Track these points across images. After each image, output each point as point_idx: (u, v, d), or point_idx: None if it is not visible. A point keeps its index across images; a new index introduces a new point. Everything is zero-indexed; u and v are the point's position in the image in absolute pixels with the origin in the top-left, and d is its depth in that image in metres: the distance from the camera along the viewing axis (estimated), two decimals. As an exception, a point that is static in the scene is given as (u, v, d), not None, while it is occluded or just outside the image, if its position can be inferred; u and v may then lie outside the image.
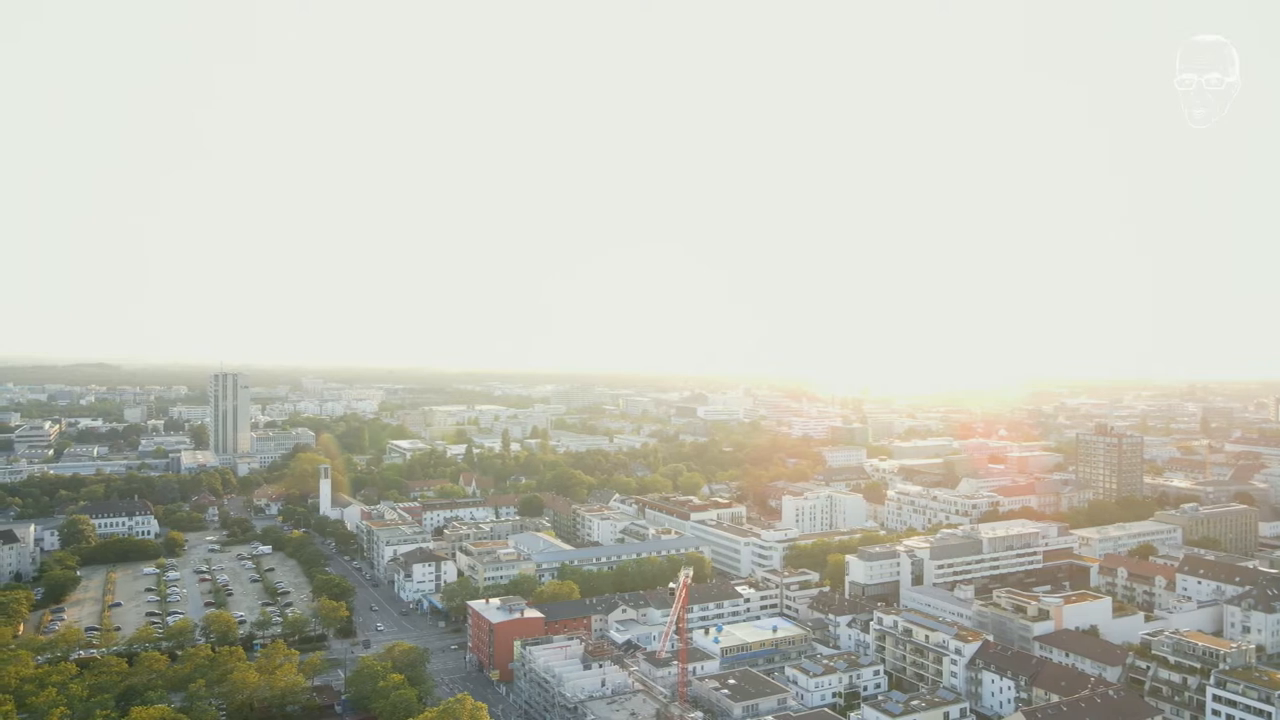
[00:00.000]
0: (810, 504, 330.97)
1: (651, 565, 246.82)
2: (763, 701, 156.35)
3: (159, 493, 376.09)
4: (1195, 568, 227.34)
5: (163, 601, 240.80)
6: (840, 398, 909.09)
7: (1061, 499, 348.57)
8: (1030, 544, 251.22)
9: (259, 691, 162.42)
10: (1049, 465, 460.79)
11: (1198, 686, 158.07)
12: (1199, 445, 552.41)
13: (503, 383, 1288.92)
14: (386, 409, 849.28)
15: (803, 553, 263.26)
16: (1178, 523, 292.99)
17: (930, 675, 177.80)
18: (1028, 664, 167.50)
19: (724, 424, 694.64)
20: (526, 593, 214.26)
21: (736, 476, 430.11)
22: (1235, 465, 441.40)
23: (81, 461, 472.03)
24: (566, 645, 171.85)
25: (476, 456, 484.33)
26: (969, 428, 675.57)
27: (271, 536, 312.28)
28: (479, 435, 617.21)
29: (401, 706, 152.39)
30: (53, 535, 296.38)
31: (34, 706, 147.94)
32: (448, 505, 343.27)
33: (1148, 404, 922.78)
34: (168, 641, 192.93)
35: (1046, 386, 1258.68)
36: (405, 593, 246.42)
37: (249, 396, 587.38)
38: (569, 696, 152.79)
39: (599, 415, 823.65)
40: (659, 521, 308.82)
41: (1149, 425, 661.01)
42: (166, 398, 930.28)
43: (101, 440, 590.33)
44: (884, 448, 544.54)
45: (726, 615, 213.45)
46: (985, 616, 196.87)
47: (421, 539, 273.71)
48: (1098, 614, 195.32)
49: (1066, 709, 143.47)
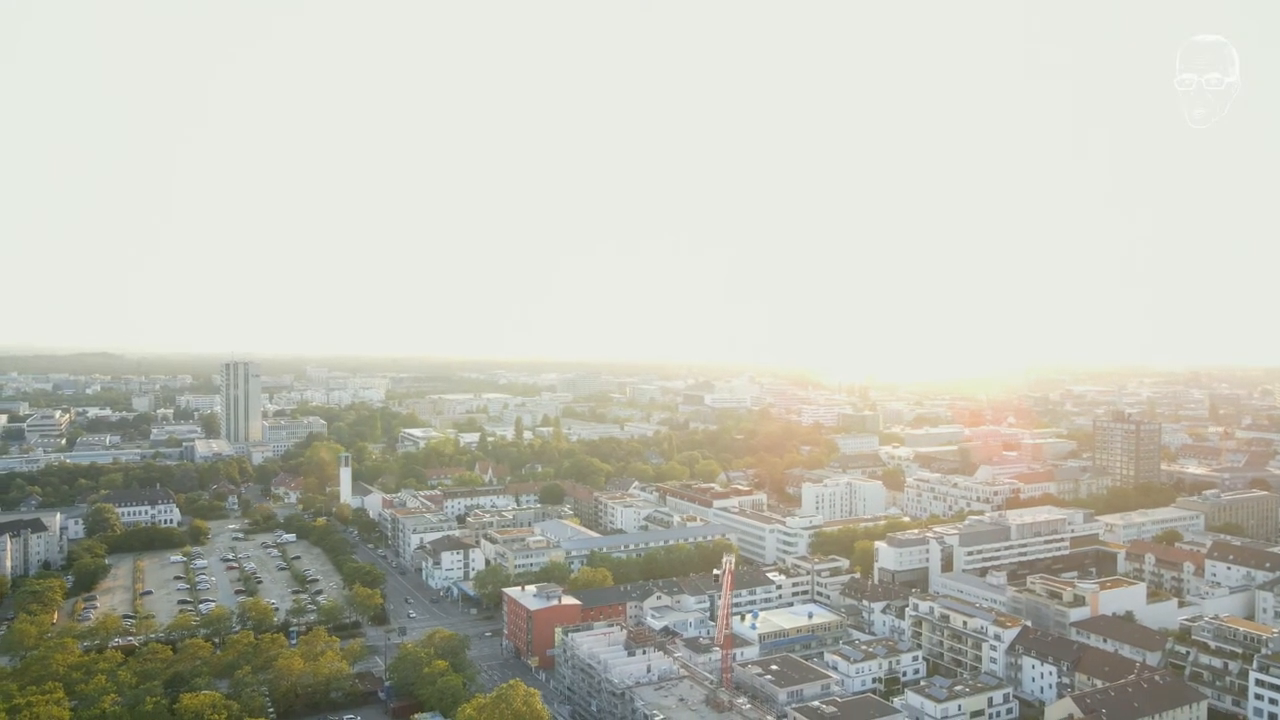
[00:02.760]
0: (830, 491, 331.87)
1: (680, 552, 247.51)
2: (806, 687, 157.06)
3: (177, 481, 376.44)
4: (1224, 553, 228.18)
5: (193, 589, 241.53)
6: (846, 385, 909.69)
7: (1080, 485, 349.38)
8: (1057, 530, 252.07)
9: (303, 678, 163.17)
10: (1062, 452, 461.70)
11: (1239, 671, 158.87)
12: (1209, 432, 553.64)
13: (507, 371, 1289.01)
14: (393, 397, 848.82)
15: (828, 539, 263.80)
16: (1200, 509, 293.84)
17: (969, 661, 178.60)
18: (1069, 649, 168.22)
19: (733, 411, 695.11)
20: (559, 580, 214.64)
21: (752, 464, 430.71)
22: (1249, 451, 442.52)
23: (96, 450, 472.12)
24: (609, 631, 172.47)
25: (490, 445, 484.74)
26: (978, 415, 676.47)
27: (294, 525, 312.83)
28: (489, 423, 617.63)
29: (449, 693, 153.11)
30: (77, 524, 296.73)
31: (84, 694, 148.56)
32: (468, 493, 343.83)
33: (1153, 390, 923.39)
34: (206, 629, 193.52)
35: (1048, 373, 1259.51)
36: (434, 580, 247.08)
37: (259, 385, 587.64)
38: (616, 683, 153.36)
39: (606, 403, 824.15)
40: (681, 509, 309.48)
41: (1157, 412, 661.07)
42: (172, 387, 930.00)
43: (112, 429, 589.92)
44: (895, 435, 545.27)
45: (759, 602, 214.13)
46: (1020, 602, 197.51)
47: (447, 527, 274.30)
48: (1133, 600, 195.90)
49: (1114, 694, 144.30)
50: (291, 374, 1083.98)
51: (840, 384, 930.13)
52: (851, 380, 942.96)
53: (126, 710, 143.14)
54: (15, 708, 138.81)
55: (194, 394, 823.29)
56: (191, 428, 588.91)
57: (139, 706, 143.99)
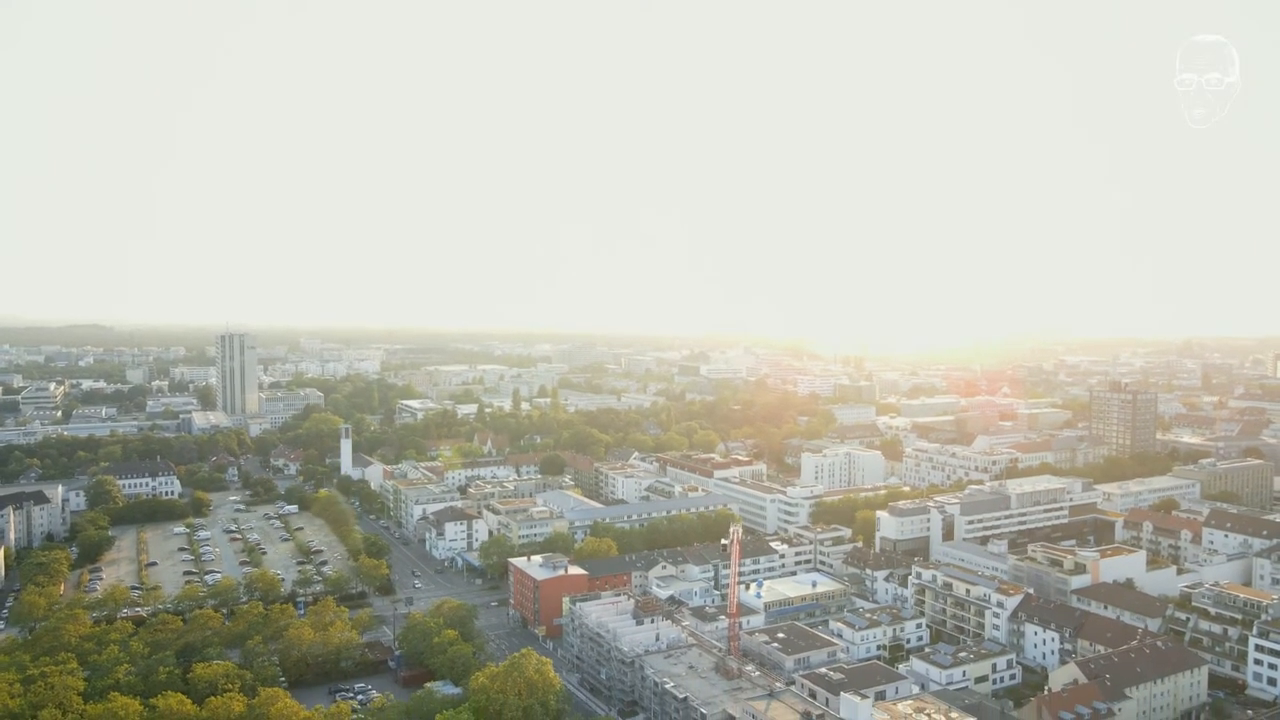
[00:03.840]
0: (829, 461, 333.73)
1: (683, 522, 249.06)
2: (813, 654, 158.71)
3: (176, 453, 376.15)
4: (1222, 521, 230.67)
5: (197, 560, 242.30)
6: (841, 356, 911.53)
7: (1077, 455, 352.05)
8: (1057, 499, 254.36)
9: (313, 648, 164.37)
10: (1058, 422, 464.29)
11: (1239, 637, 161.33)
12: (1203, 401, 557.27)
13: (501, 342, 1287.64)
14: (389, 369, 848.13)
15: (829, 509, 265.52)
16: (1196, 477, 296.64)
17: (971, 628, 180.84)
18: (1071, 616, 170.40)
19: (728, 382, 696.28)
20: (563, 550, 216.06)
21: (750, 434, 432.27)
22: (1242, 421, 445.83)
23: (93, 423, 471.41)
24: (616, 601, 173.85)
25: (489, 416, 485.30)
26: (973, 385, 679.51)
27: (296, 496, 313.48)
28: (486, 394, 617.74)
29: (459, 662, 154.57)
30: (78, 496, 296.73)
31: (97, 664, 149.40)
32: (468, 464, 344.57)
33: (1146, 360, 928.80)
34: (214, 599, 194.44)
35: (1041, 343, 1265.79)
36: (438, 551, 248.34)
37: (255, 357, 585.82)
38: (625, 651, 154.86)
39: (602, 374, 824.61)
40: (682, 479, 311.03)
41: (1151, 382, 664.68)
42: (165, 359, 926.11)
43: (107, 401, 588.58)
44: (892, 405, 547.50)
45: (763, 571, 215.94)
46: (1021, 570, 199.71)
47: (450, 498, 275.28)
48: (1133, 568, 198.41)
49: (1117, 659, 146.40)
50: (285, 346, 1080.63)
51: (835, 355, 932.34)
52: (846, 351, 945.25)
53: (140, 680, 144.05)
54: (30, 679, 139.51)
55: (188, 366, 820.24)
56: (187, 400, 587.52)
57: (152, 676, 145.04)
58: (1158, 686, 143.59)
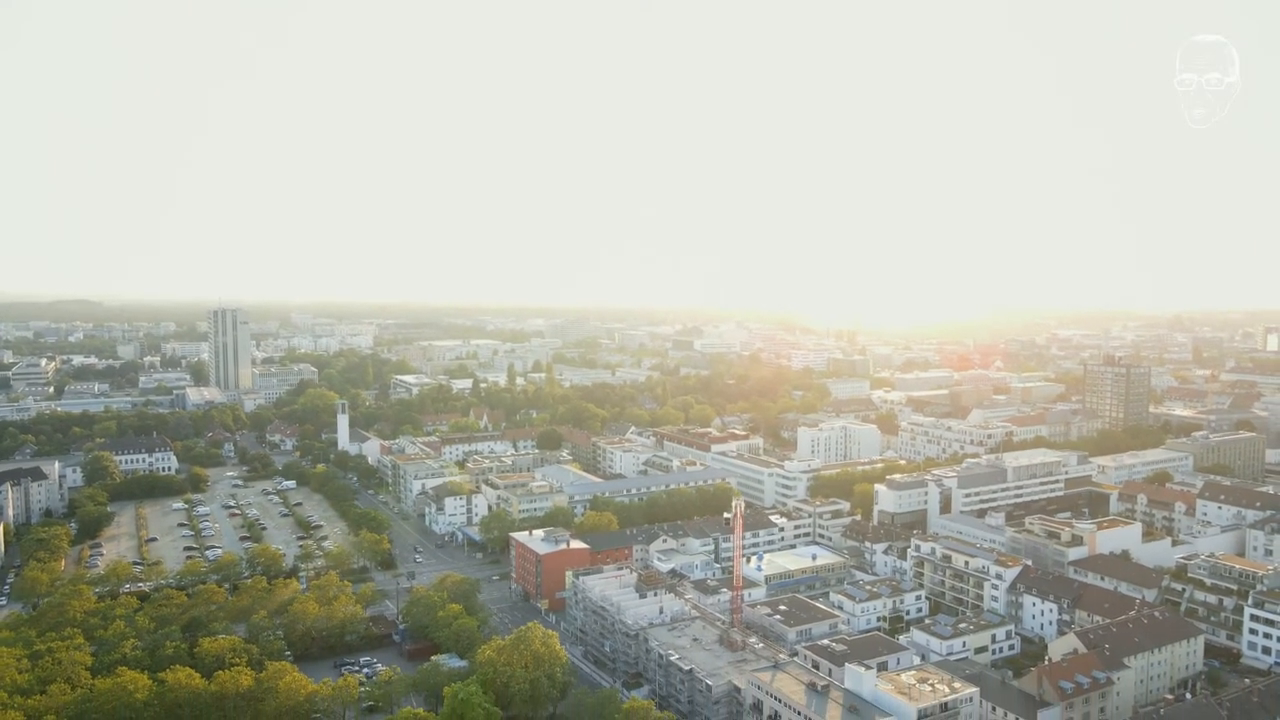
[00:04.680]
0: (825, 435, 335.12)
1: (681, 496, 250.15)
2: (815, 626, 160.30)
3: (171, 429, 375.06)
4: (1215, 493, 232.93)
5: (197, 536, 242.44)
6: (834, 330, 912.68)
7: (1071, 428, 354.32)
8: (1053, 472, 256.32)
9: (318, 622, 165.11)
10: (1051, 395, 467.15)
11: (1234, 607, 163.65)
12: (1195, 375, 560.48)
13: (493, 317, 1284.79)
14: (381, 344, 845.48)
15: (827, 482, 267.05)
16: (1189, 450, 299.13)
17: (970, 599, 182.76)
18: (1069, 588, 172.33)
19: (723, 357, 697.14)
20: (563, 524, 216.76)
21: (746, 408, 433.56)
22: (1233, 394, 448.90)
23: (86, 399, 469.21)
24: (619, 574, 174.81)
25: (484, 391, 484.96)
26: (966, 359, 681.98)
27: (294, 472, 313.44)
28: (480, 369, 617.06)
29: (464, 635, 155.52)
30: (75, 472, 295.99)
31: (103, 639, 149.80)
32: (465, 439, 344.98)
33: (1137, 334, 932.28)
34: (216, 574, 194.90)
35: (1033, 317, 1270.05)
36: (438, 525, 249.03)
37: (248, 333, 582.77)
38: (630, 624, 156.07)
39: (595, 349, 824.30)
40: (679, 453, 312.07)
41: (1142, 355, 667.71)
42: (156, 334, 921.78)
43: (100, 377, 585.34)
44: (886, 379, 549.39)
45: (763, 544, 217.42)
46: (1019, 543, 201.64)
47: (449, 473, 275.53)
48: (1128, 539, 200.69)
49: (1115, 629, 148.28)
50: (276, 321, 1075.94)
51: (828, 329, 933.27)
52: (839, 325, 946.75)
53: (147, 655, 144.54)
54: (37, 654, 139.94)
55: (179, 341, 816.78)
56: (180, 375, 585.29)
57: (159, 651, 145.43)
58: (1155, 656, 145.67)
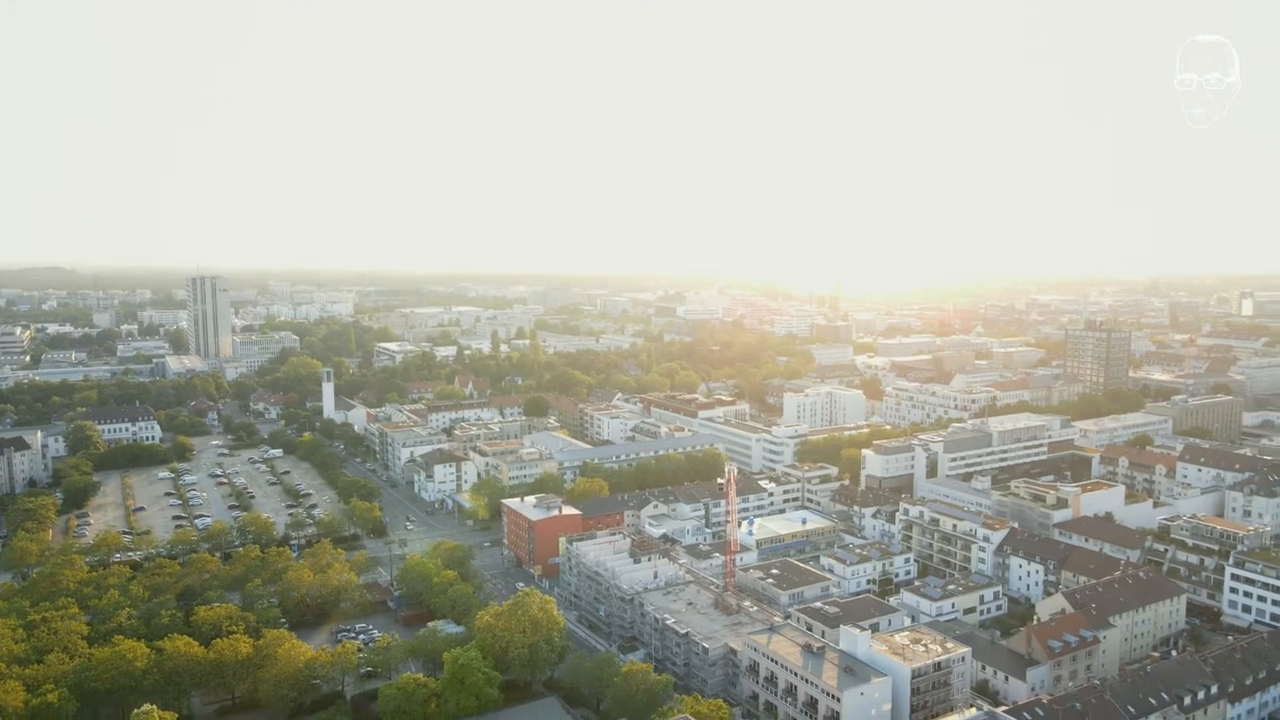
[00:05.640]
0: (811, 400, 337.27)
1: (671, 462, 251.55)
2: (807, 590, 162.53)
3: (153, 398, 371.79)
4: (1195, 456, 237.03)
5: (185, 505, 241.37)
6: (816, 296, 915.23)
7: (1053, 392, 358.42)
8: (1037, 436, 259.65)
9: (313, 590, 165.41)
10: (1032, 360, 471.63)
11: (1215, 567, 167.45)
12: (1172, 339, 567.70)
13: (474, 284, 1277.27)
14: (362, 311, 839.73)
15: (814, 448, 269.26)
16: (1168, 414, 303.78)
17: (958, 562, 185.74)
18: (1055, 549, 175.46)
19: (706, 323, 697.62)
20: (554, 491, 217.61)
21: (731, 375, 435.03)
22: (1210, 358, 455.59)
23: (64, 368, 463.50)
24: (613, 540, 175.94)
25: (468, 358, 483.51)
26: (947, 324, 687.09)
27: (280, 440, 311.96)
28: (463, 337, 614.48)
29: (460, 601, 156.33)
30: (57, 441, 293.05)
31: (98, 609, 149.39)
32: (452, 407, 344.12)
33: (1114, 299, 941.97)
34: (207, 543, 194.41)
35: (1012, 283, 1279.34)
36: (427, 493, 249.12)
37: (227, 300, 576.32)
38: (625, 589, 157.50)
39: (578, 315, 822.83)
40: (667, 419, 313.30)
41: (1121, 321, 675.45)
42: (132, 302, 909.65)
43: (76, 346, 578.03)
44: (869, 345, 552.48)
45: (752, 509, 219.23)
46: (1005, 506, 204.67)
47: (437, 441, 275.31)
48: (1112, 501, 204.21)
49: (1101, 589, 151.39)
50: (254, 289, 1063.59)
51: (810, 295, 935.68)
52: (821, 291, 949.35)
53: (142, 624, 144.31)
54: (32, 624, 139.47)
55: (156, 309, 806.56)
56: (159, 344, 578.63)
57: (154, 620, 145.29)
58: (1139, 615, 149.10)
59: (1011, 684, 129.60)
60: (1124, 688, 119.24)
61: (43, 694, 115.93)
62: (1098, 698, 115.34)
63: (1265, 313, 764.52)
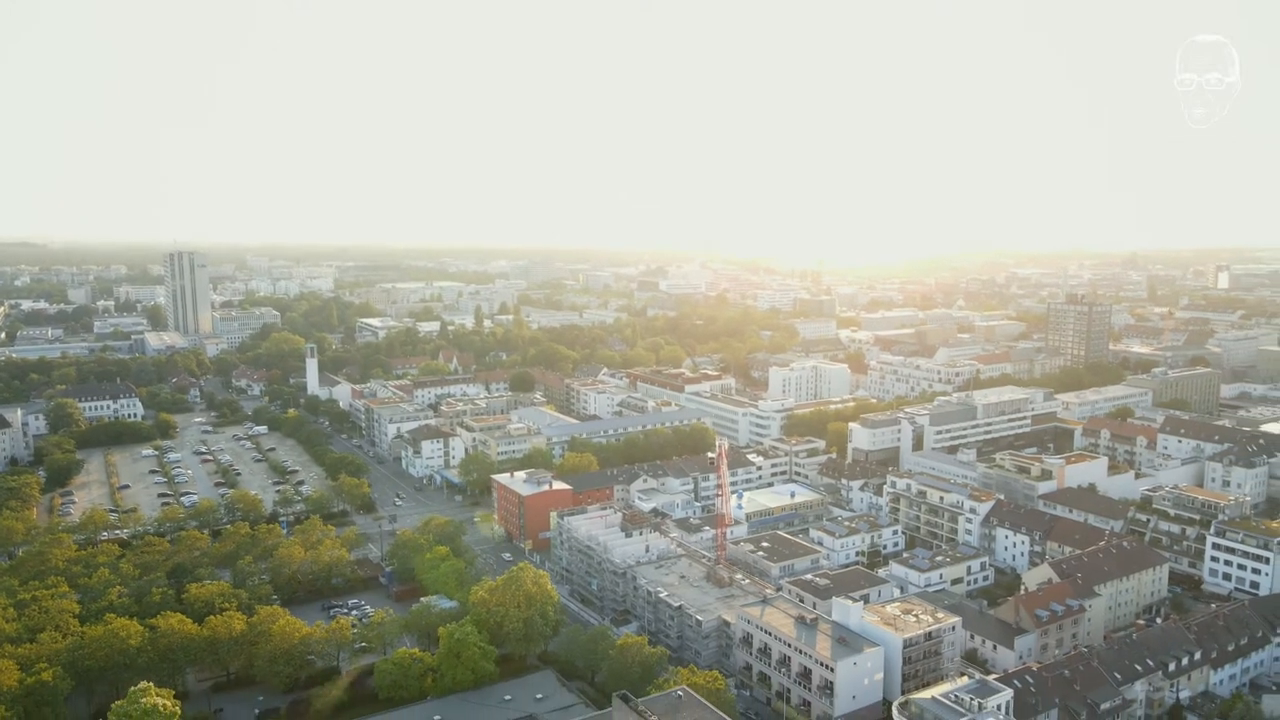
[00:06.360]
0: (796, 374, 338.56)
1: (659, 436, 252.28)
2: (797, 562, 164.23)
3: (134, 375, 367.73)
4: (1176, 428, 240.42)
5: (171, 483, 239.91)
6: (799, 270, 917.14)
7: (1035, 366, 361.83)
8: (1020, 409, 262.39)
9: (304, 566, 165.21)
10: (1013, 334, 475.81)
11: (1196, 536, 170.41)
12: (1151, 312, 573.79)
13: (454, 258, 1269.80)
14: (343, 287, 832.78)
15: (800, 421, 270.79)
16: (1147, 386, 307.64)
17: (944, 533, 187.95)
18: (1040, 520, 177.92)
19: (689, 298, 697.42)
20: (543, 466, 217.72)
21: (716, 349, 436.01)
22: (1188, 331, 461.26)
23: (40, 344, 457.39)
24: (604, 514, 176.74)
25: (451, 333, 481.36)
26: (929, 298, 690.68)
27: (264, 417, 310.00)
28: (446, 312, 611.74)
29: (453, 576, 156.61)
30: (37, 419, 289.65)
31: (88, 587, 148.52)
32: (437, 382, 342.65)
33: (1093, 273, 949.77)
34: (195, 521, 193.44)
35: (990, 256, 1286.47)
36: (415, 469, 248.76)
37: (206, 276, 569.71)
38: (618, 562, 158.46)
39: (561, 290, 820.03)
40: (653, 394, 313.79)
41: (1099, 294, 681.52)
42: (107, 278, 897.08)
43: (52, 322, 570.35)
44: (853, 319, 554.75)
45: (740, 483, 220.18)
46: (990, 478, 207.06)
47: (424, 416, 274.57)
48: (1095, 473, 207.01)
49: (1086, 559, 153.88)
50: (232, 264, 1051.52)
51: (793, 269, 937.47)
52: (802, 265, 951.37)
53: (134, 602, 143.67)
54: (22, 603, 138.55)
55: (132, 285, 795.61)
56: (137, 320, 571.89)
57: (146, 598, 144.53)
58: (1123, 584, 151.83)
59: (1000, 652, 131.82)
60: (1110, 655, 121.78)
61: (37, 672, 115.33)
62: (1085, 665, 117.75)
63: (1241, 286, 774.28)
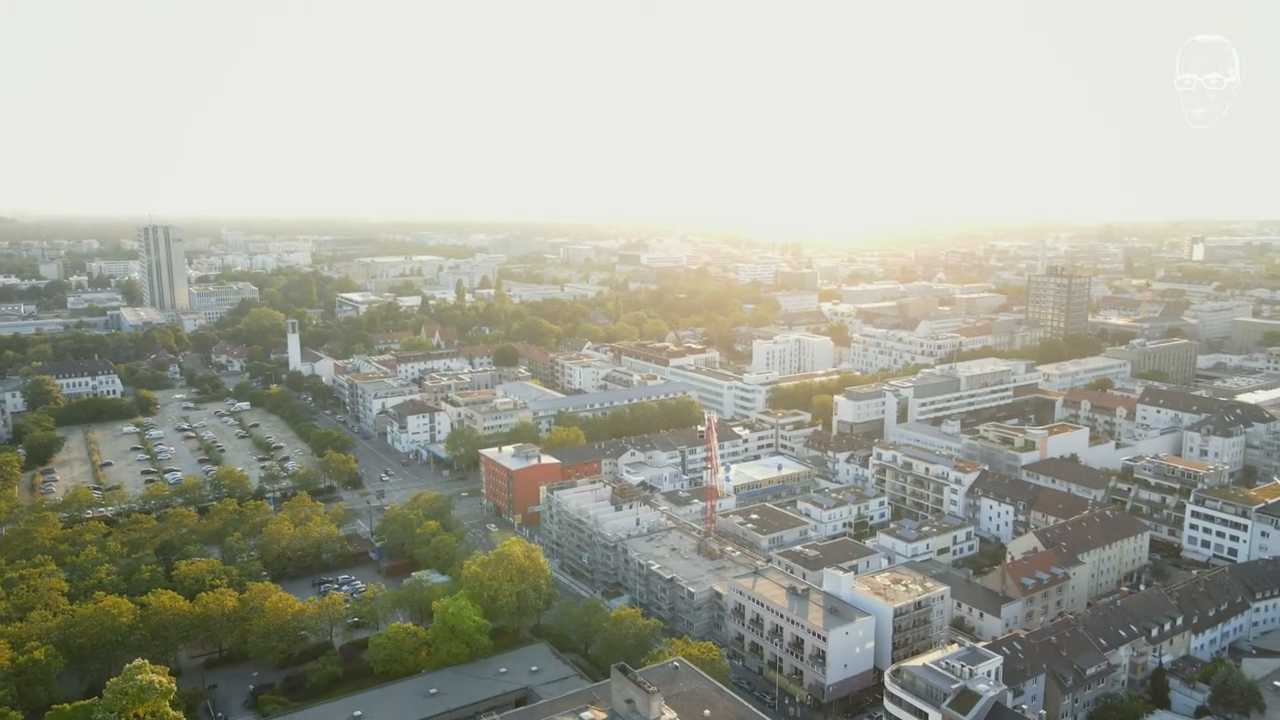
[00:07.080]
0: (780, 347, 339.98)
1: (645, 410, 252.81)
2: (786, 534, 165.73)
3: (111, 352, 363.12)
4: (1155, 398, 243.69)
5: (154, 460, 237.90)
6: (779, 243, 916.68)
7: (1016, 338, 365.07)
8: (1003, 381, 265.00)
9: (293, 542, 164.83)
10: (993, 306, 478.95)
11: (1176, 505, 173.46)
12: (1128, 284, 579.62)
13: (433, 232, 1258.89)
14: (321, 261, 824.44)
15: (785, 394, 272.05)
16: (1126, 357, 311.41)
17: (930, 504, 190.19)
18: (1024, 490, 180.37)
19: (670, 271, 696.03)
20: (530, 440, 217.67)
21: (699, 323, 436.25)
22: (1164, 302, 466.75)
23: (14, 321, 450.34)
24: (594, 488, 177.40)
25: (433, 308, 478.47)
26: (909, 271, 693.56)
27: (246, 393, 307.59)
28: (427, 286, 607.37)
29: (444, 551, 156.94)
30: (15, 397, 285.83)
31: (76, 565, 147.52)
32: (420, 357, 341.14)
33: (1070, 245, 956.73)
34: (181, 498, 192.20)
35: (969, 229, 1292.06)
36: (401, 444, 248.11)
37: (182, 250, 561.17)
38: (609, 536, 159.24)
39: (542, 264, 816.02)
40: (638, 368, 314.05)
41: (1077, 266, 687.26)
42: (79, 252, 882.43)
43: (24, 298, 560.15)
44: (834, 291, 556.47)
45: (727, 455, 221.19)
46: (974, 449, 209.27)
47: (408, 392, 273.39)
48: (1076, 444, 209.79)
49: (1070, 528, 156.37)
50: (207, 238, 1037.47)
51: (773, 242, 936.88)
52: (782, 238, 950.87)
53: (123, 579, 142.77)
54: (10, 581, 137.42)
55: (105, 260, 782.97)
56: (111, 295, 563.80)
57: (135, 575, 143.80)
58: (1106, 552, 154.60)
59: (987, 620, 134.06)
60: (1095, 621, 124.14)
61: (28, 651, 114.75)
62: (1071, 631, 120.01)
63: (1216, 258, 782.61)
